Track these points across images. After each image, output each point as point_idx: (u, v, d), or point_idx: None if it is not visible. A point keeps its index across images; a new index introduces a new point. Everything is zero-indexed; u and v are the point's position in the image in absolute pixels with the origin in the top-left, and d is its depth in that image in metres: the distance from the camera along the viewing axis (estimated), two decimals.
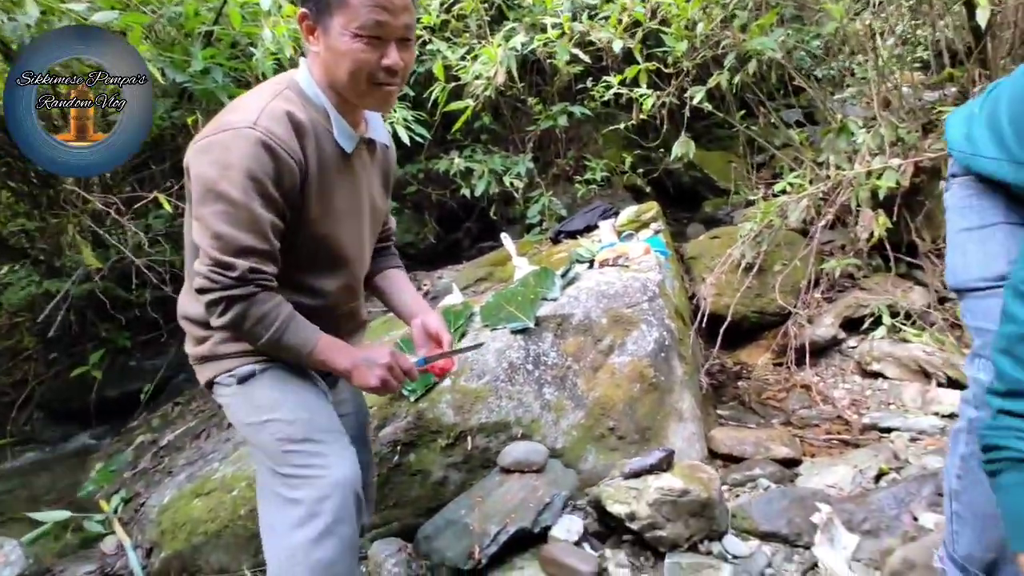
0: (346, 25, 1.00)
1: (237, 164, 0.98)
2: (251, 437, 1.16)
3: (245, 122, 0.99)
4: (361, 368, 1.10)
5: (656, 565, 1.43)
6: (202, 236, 1.02)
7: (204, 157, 1.00)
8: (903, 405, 2.27)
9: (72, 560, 1.90)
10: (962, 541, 0.93)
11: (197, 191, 1.01)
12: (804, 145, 3.05)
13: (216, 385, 1.16)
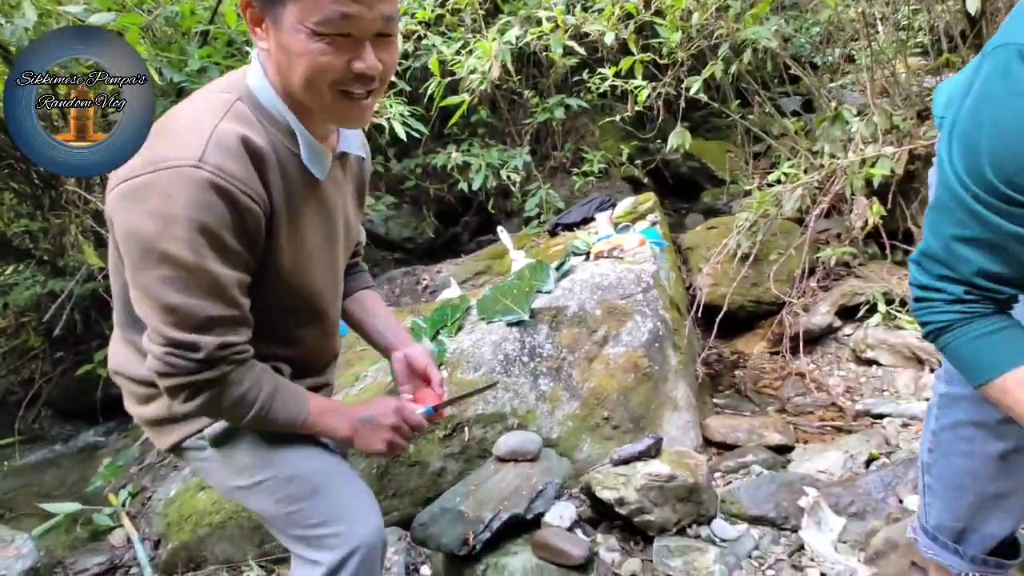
0: (302, 18, 0.75)
1: (182, 216, 0.75)
2: (244, 502, 1.02)
3: (188, 158, 0.75)
4: (363, 433, 0.94)
5: (645, 549, 1.46)
6: (148, 310, 0.80)
7: (136, 206, 0.76)
8: (896, 391, 2.29)
9: (82, 553, 1.95)
10: (933, 512, 0.96)
11: (132, 250, 0.79)
12: (800, 134, 3.05)
13: (184, 450, 0.98)
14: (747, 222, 2.86)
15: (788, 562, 1.40)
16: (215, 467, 0.98)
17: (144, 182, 0.76)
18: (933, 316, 0.78)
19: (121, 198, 0.79)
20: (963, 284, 0.75)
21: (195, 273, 0.78)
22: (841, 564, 1.34)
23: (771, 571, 1.38)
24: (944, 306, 0.76)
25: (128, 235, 0.79)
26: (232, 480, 0.97)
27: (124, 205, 0.79)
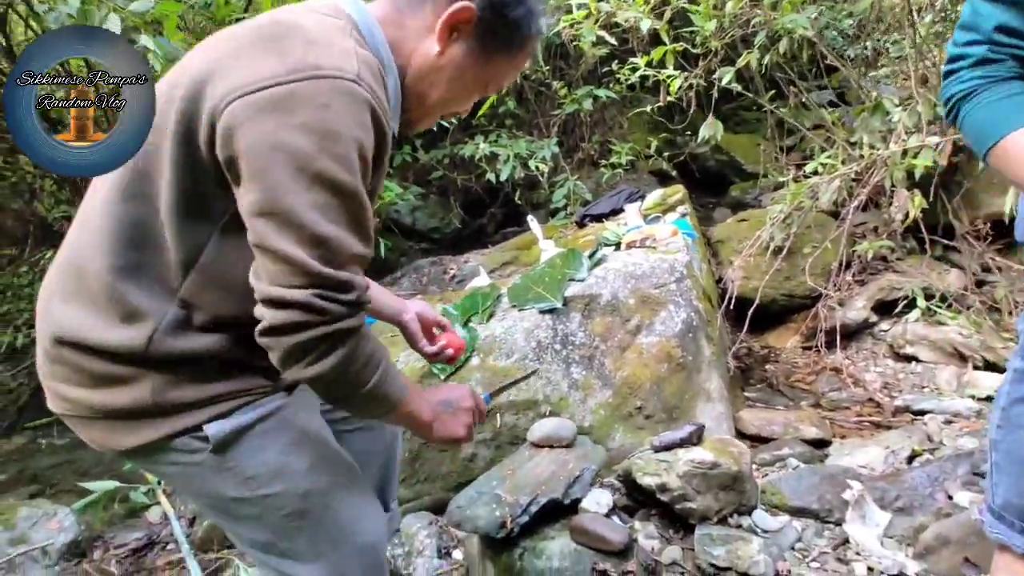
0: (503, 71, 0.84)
1: (344, 132, 0.66)
2: (229, 511, 0.84)
3: (346, 71, 0.67)
4: (444, 419, 0.88)
5: (685, 537, 1.44)
6: (290, 242, 0.66)
7: (282, 118, 0.65)
8: (937, 388, 2.23)
9: (120, 528, 2.00)
10: (999, 491, 0.94)
11: (275, 170, 0.66)
12: (837, 125, 2.98)
13: (164, 450, 0.78)
14: (781, 214, 2.81)
15: (833, 555, 1.37)
16: (205, 474, 0.79)
17: (292, 91, 0.65)
18: (956, 86, 0.80)
19: (257, 109, 0.65)
20: (985, 43, 0.77)
21: (350, 199, 0.68)
22: (889, 559, 1.31)
23: (815, 563, 1.35)
24: (968, 72, 0.79)
25: (271, 151, 0.65)
26: (230, 490, 0.80)
27: (263, 117, 0.65)
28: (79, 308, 0.75)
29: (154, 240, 0.74)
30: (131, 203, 0.75)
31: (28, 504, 1.88)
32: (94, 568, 1.75)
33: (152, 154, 0.73)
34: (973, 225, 2.68)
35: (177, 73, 0.76)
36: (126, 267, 0.74)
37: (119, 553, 1.85)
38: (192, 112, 0.69)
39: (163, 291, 0.75)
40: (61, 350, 0.76)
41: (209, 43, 0.76)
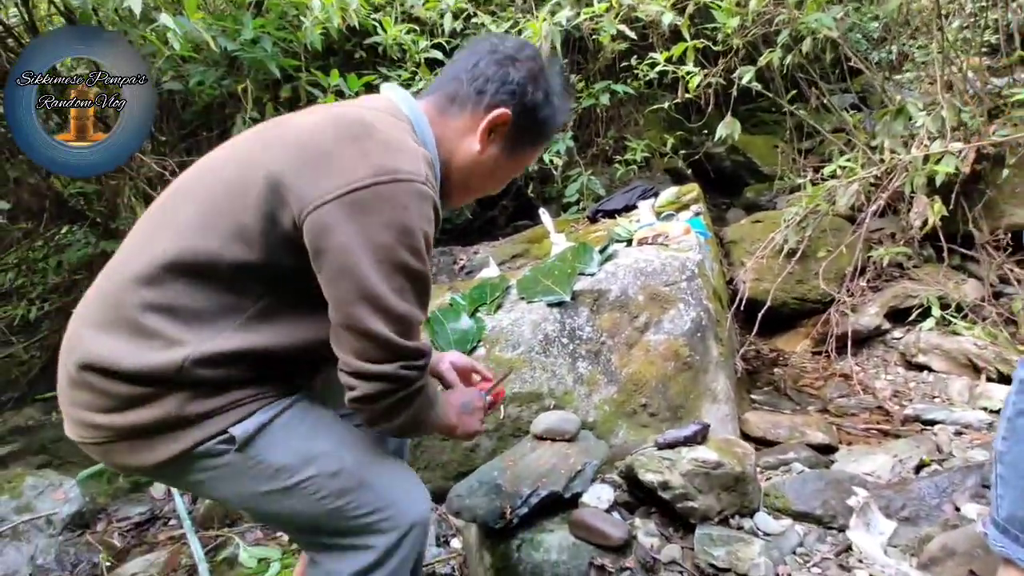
0: (529, 159, 1.02)
1: (416, 228, 0.78)
2: (271, 507, 0.87)
3: (416, 174, 0.79)
4: (464, 418, 1.03)
5: (686, 536, 1.43)
6: (377, 320, 0.77)
7: (370, 217, 0.75)
8: (949, 399, 2.20)
9: (124, 502, 2.02)
10: (1004, 503, 0.92)
11: (363, 260, 0.76)
12: (858, 128, 2.93)
13: (187, 460, 0.82)
14: (796, 216, 2.78)
15: (835, 561, 1.35)
16: (234, 473, 0.83)
17: (377, 193, 0.76)
18: None
19: (348, 211, 0.76)
20: None
21: (420, 282, 0.81)
22: (892, 568, 1.29)
23: (817, 569, 1.33)
24: None
25: (360, 248, 0.76)
26: (262, 485, 0.85)
27: (353, 218, 0.76)
28: (112, 336, 0.80)
29: (210, 281, 0.81)
30: (200, 242, 0.80)
31: (34, 474, 1.90)
32: (97, 539, 1.77)
33: (238, 212, 0.80)
34: (993, 235, 2.63)
35: (254, 145, 0.85)
36: (171, 301, 0.80)
37: (122, 526, 1.87)
38: (280, 200, 0.78)
39: (202, 326, 0.81)
40: (86, 375, 0.80)
41: (286, 130, 0.84)
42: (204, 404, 0.81)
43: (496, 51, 0.94)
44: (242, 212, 0.79)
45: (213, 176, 0.84)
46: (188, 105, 3.22)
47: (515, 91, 0.92)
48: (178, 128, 3.23)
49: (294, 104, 2.96)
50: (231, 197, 0.80)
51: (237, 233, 0.79)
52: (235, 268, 0.80)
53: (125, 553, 1.76)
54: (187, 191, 0.86)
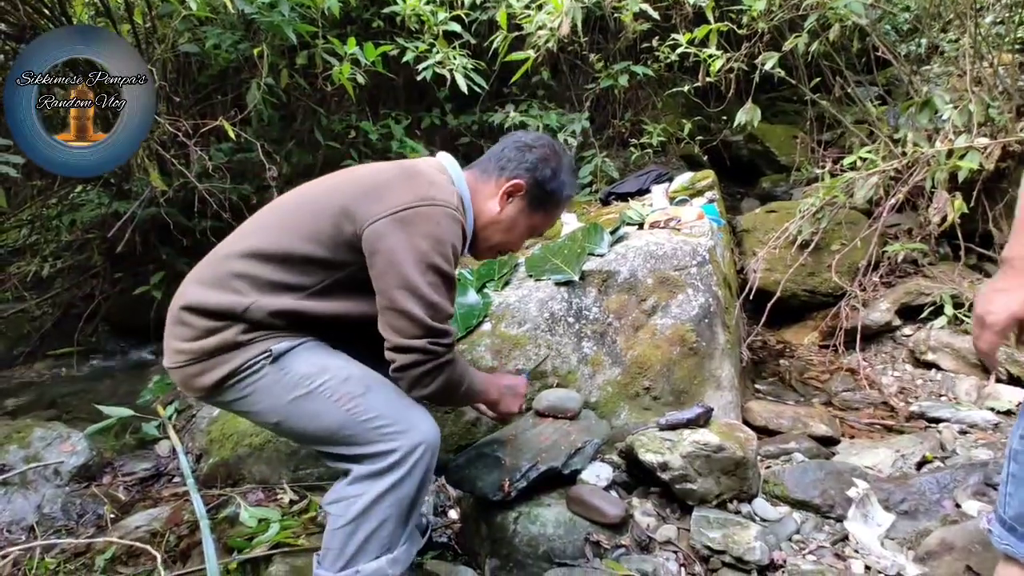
0: (534, 228, 1.28)
1: (447, 239, 1.07)
2: (296, 412, 1.08)
3: (448, 202, 1.10)
4: (506, 398, 1.29)
5: (682, 518, 1.43)
6: (414, 305, 1.04)
7: (413, 229, 1.05)
8: (955, 398, 2.18)
9: (130, 457, 2.05)
10: (1014, 502, 0.91)
11: (406, 260, 1.04)
12: (882, 119, 2.87)
13: (238, 376, 1.08)
14: (812, 207, 2.74)
15: (831, 550, 1.35)
16: (270, 384, 1.08)
17: (418, 212, 1.06)
18: None
19: (397, 224, 1.05)
20: None
21: (449, 281, 1.08)
22: (888, 559, 1.29)
23: (812, 556, 1.33)
24: None
25: (405, 249, 1.04)
26: (290, 392, 1.08)
27: (399, 227, 1.05)
28: (207, 288, 1.10)
29: (283, 265, 1.10)
30: (283, 239, 1.11)
31: (43, 425, 1.94)
32: (102, 492, 1.80)
33: (316, 223, 1.11)
34: None
35: (337, 183, 1.17)
36: (253, 272, 1.10)
37: (127, 480, 1.91)
38: (348, 217, 1.08)
39: (271, 290, 1.10)
40: (184, 315, 1.10)
41: (361, 174, 1.18)
42: (254, 334, 1.08)
43: (519, 141, 1.27)
44: (319, 223, 1.09)
45: (302, 199, 1.18)
46: (204, 68, 3.20)
47: (528, 168, 1.23)
48: (193, 91, 3.22)
49: (309, 72, 2.94)
50: (313, 214, 1.11)
51: (312, 236, 1.09)
52: (305, 259, 1.10)
53: (130, 506, 1.79)
54: (281, 206, 1.19)
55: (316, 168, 3.61)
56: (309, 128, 3.38)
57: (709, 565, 1.33)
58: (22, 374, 2.95)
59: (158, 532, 1.57)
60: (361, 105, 3.63)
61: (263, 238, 1.12)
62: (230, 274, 1.09)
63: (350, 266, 1.10)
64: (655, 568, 1.30)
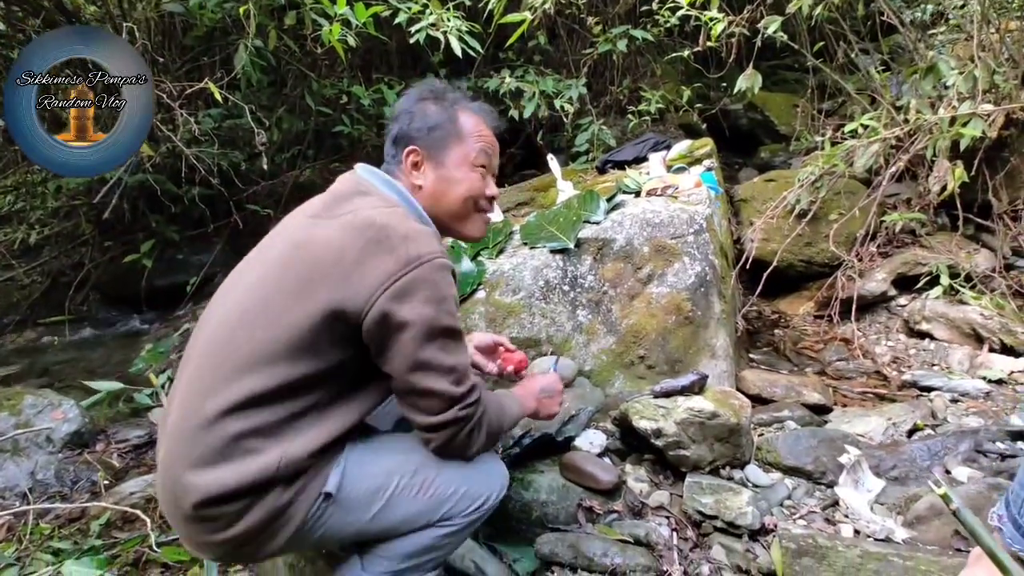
0: (464, 158, 1.10)
1: (447, 295, 0.96)
2: (382, 523, 0.99)
3: (435, 252, 0.96)
4: (545, 402, 1.23)
5: (675, 483, 1.44)
6: (433, 378, 0.93)
7: (412, 299, 0.92)
8: (948, 367, 2.19)
9: (123, 425, 2.05)
10: None
11: (414, 335, 0.92)
12: (885, 87, 2.82)
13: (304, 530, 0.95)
14: (811, 176, 2.70)
15: (821, 515, 1.37)
16: (342, 517, 0.96)
17: (412, 278, 0.92)
18: None
19: (394, 298, 0.91)
20: None
21: (459, 336, 0.98)
22: (877, 524, 1.30)
23: (802, 521, 1.35)
24: None
25: (409, 325, 0.91)
26: (367, 512, 0.97)
27: (397, 304, 0.91)
28: (215, 469, 0.88)
29: (287, 396, 0.92)
30: (275, 371, 0.91)
31: (34, 393, 1.92)
32: (96, 459, 1.80)
33: (305, 338, 0.91)
34: (1012, 205, 2.56)
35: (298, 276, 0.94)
36: (258, 424, 0.90)
37: (120, 447, 1.91)
38: (339, 316, 0.91)
39: (288, 431, 0.92)
40: (203, 511, 0.89)
41: (315, 252, 0.95)
42: (297, 484, 0.92)
43: (395, 116, 1.13)
44: (305, 333, 0.91)
45: (264, 306, 0.93)
46: (189, 29, 3.10)
47: (406, 131, 1.10)
48: (179, 53, 3.12)
49: (299, 33, 2.85)
50: (292, 327, 0.91)
51: (306, 350, 0.91)
52: (306, 377, 0.92)
53: (124, 473, 1.79)
54: (241, 322, 0.94)
55: (308, 135, 3.54)
56: (300, 93, 3.30)
57: (701, 530, 1.35)
58: (13, 342, 2.93)
59: (152, 498, 1.57)
60: (353, 70, 3.53)
61: (247, 382, 0.90)
62: (230, 439, 0.89)
63: (358, 359, 0.96)
64: (647, 532, 1.31)
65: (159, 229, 3.02)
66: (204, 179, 2.64)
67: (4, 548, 1.41)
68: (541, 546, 1.29)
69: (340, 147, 3.79)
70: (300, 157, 3.68)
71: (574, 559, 1.26)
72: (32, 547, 1.43)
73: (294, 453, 0.90)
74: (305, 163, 3.77)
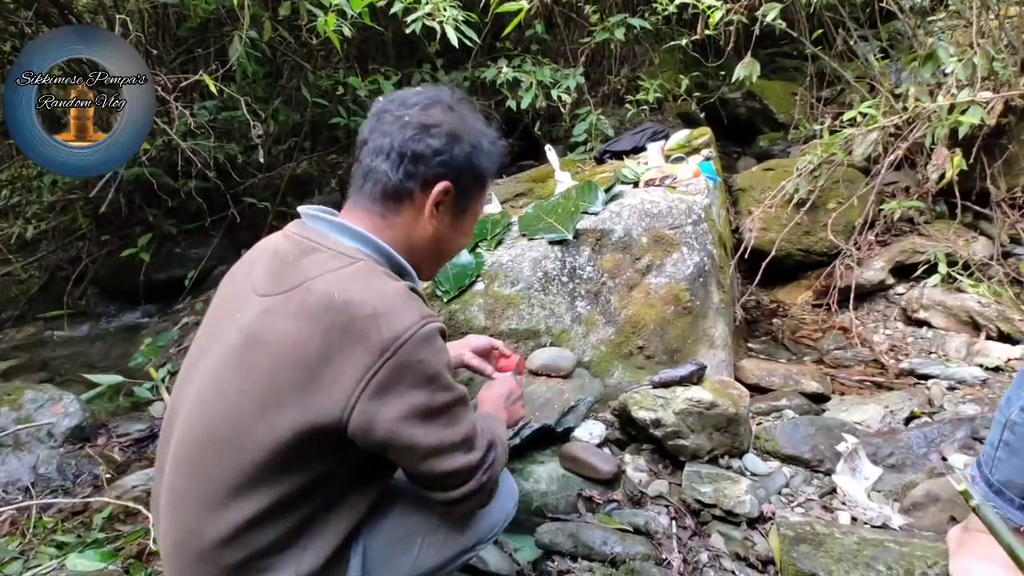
0: (481, 210, 1.00)
1: (438, 367, 0.81)
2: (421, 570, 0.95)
3: (413, 323, 0.79)
4: (512, 409, 1.16)
5: (674, 473, 1.45)
6: (448, 461, 0.83)
7: (397, 391, 0.78)
8: (945, 355, 2.19)
9: (124, 419, 2.05)
10: (1004, 468, 0.93)
11: (412, 427, 0.79)
12: (884, 74, 2.80)
13: None
14: (809, 165, 2.70)
15: (819, 502, 1.38)
16: None
17: (392, 367, 0.77)
18: None
19: (377, 392, 0.77)
20: None
21: (460, 403, 0.84)
22: (874, 511, 1.31)
23: (800, 508, 1.36)
24: None
25: (404, 421, 0.78)
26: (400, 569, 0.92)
27: (383, 397, 0.77)
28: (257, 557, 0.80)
29: (281, 515, 0.80)
30: (259, 496, 0.79)
31: (34, 388, 1.93)
32: (97, 453, 1.81)
33: (286, 461, 0.79)
34: (1010, 193, 2.56)
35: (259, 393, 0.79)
36: (257, 547, 0.80)
37: (122, 441, 1.91)
38: (316, 429, 0.77)
39: (292, 548, 0.82)
40: None
41: (273, 358, 0.79)
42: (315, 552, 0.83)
43: (406, 124, 0.88)
44: (284, 454, 0.78)
45: (232, 427, 0.79)
46: (183, 20, 3.07)
47: (444, 160, 0.88)
48: (173, 45, 3.10)
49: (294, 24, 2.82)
50: (268, 450, 0.78)
51: (288, 467, 0.79)
52: (299, 491, 0.81)
53: (126, 466, 1.80)
54: (213, 443, 0.80)
55: (304, 127, 3.52)
56: (296, 85, 3.27)
57: (700, 518, 1.36)
58: (12, 337, 2.92)
59: None
60: (349, 61, 3.51)
61: (235, 510, 0.79)
62: (242, 560, 0.80)
63: (355, 457, 0.83)
64: (647, 521, 1.32)
65: (156, 223, 3.01)
66: (200, 172, 2.63)
67: (8, 542, 1.42)
68: (541, 535, 1.30)
69: (337, 139, 3.77)
70: (297, 149, 3.66)
71: (574, 548, 1.27)
72: (36, 541, 1.43)
73: (309, 566, 0.82)
74: (302, 155, 3.75)
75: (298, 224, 0.91)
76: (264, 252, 0.90)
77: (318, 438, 0.78)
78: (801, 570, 1.08)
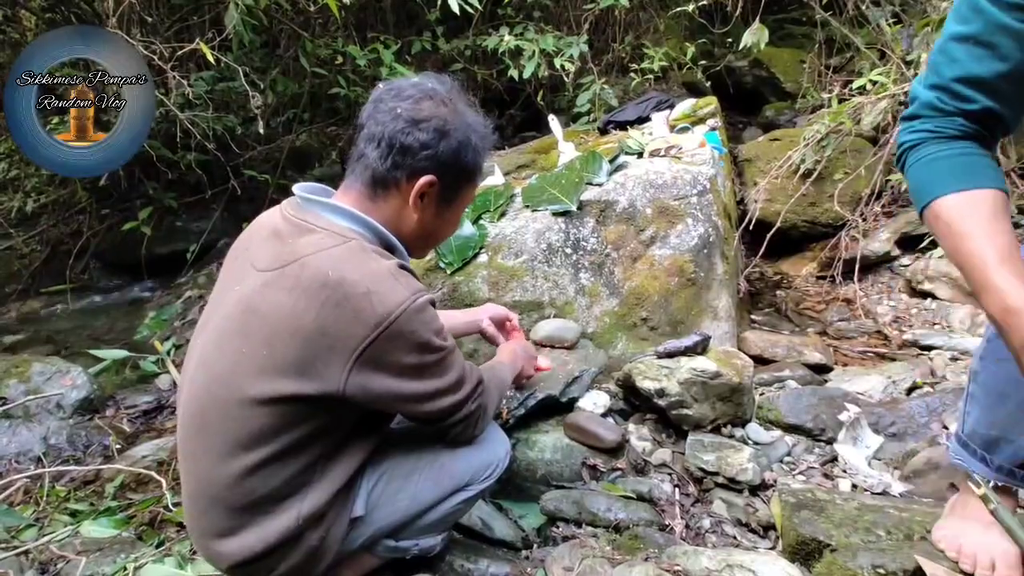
0: (468, 200, 1.04)
1: (428, 337, 0.88)
2: (408, 517, 1.03)
3: (405, 300, 0.85)
4: (527, 363, 1.32)
5: (677, 442, 1.47)
6: (440, 401, 0.94)
7: (390, 360, 0.86)
8: (949, 326, 2.20)
9: (132, 391, 2.07)
10: (969, 419, 0.96)
11: (411, 385, 0.89)
12: (895, 40, 2.74)
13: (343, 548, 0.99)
14: (817, 135, 2.66)
15: (820, 470, 1.40)
16: (375, 527, 0.99)
17: (387, 338, 0.84)
18: (907, 136, 0.81)
19: (370, 362, 0.85)
20: (941, 90, 0.77)
21: (452, 350, 0.94)
22: (875, 478, 1.33)
23: (802, 476, 1.38)
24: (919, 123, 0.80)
25: (397, 381, 0.88)
26: (397, 515, 1.00)
27: (377, 366, 0.86)
28: (237, 536, 0.90)
29: (286, 460, 0.89)
30: (263, 447, 0.87)
31: (42, 360, 1.94)
32: (107, 424, 1.83)
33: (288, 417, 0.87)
34: (1020, 163, 2.52)
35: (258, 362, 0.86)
36: (265, 488, 0.89)
37: (130, 413, 1.94)
38: (310, 392, 0.85)
39: (297, 489, 0.91)
40: (240, 570, 0.92)
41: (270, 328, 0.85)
42: (325, 524, 0.93)
43: (397, 117, 0.92)
44: (286, 415, 0.87)
45: (234, 392, 0.87)
46: None
47: (430, 154, 0.93)
48: (167, 13, 3.03)
49: None
50: (269, 414, 0.86)
51: (289, 425, 0.87)
52: (301, 439, 0.88)
53: (135, 437, 1.82)
54: (215, 406, 0.88)
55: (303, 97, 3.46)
56: (294, 55, 3.21)
57: (702, 486, 1.38)
58: (17, 311, 2.94)
59: (164, 461, 1.60)
60: (348, 29, 3.43)
61: (241, 458, 0.88)
62: (243, 508, 0.89)
63: (354, 409, 0.91)
64: (650, 489, 1.34)
65: (156, 196, 2.99)
66: (200, 144, 2.60)
67: (23, 510, 1.45)
68: (546, 503, 1.32)
69: (336, 110, 3.71)
70: (296, 121, 3.61)
71: (578, 514, 1.29)
72: (50, 508, 1.46)
73: (312, 506, 0.90)
74: (301, 127, 3.70)
75: (294, 204, 0.96)
76: (262, 229, 0.97)
77: (316, 401, 0.86)
78: (802, 535, 1.10)
